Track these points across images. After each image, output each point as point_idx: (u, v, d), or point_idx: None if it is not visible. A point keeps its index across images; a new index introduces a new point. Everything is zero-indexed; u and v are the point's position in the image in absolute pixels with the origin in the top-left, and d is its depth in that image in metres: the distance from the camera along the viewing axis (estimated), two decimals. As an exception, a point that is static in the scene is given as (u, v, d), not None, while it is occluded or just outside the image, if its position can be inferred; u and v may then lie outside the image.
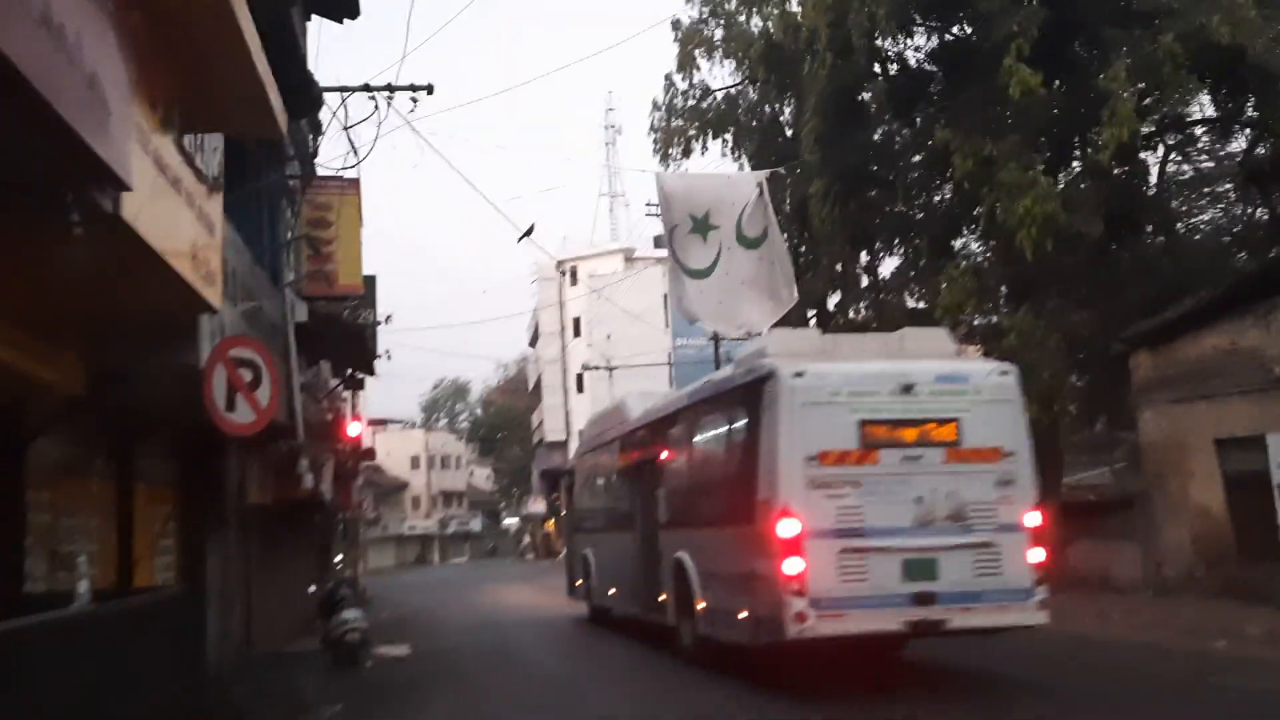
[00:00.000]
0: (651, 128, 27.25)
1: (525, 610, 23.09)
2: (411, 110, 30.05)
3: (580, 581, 18.10)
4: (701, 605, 11.34)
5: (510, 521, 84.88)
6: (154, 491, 9.84)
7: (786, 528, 9.29)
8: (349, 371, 16.42)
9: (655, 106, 27.20)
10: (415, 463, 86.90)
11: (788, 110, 26.07)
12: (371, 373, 16.70)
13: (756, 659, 10.32)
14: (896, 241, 21.20)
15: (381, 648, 16.63)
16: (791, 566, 9.21)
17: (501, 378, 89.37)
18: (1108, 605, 15.79)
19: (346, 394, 32.06)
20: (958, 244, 20.63)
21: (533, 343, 69.34)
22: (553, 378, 62.47)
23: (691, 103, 26.70)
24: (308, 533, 21.18)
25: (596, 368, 47.49)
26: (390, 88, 11.57)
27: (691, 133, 26.70)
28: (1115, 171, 17.57)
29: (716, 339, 34.00)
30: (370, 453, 30.74)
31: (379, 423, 76.74)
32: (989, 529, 9.68)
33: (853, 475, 9.47)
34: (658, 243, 62.84)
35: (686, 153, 27.06)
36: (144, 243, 5.53)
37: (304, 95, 10.41)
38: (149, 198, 5.53)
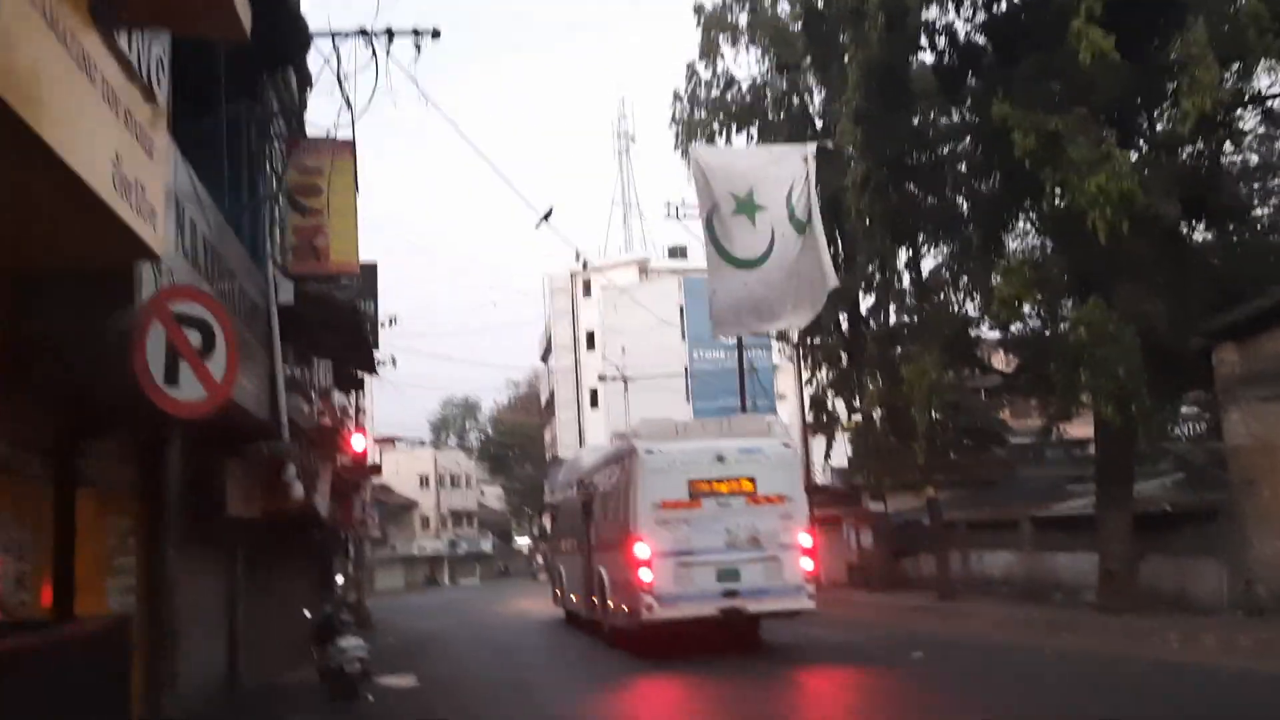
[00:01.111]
0: (673, 119, 25.82)
1: (525, 617, 28.40)
2: (415, 59, 28.64)
3: (558, 592, 23.86)
4: (609, 604, 16.50)
5: (522, 542, 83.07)
6: (107, 500, 8.28)
7: (641, 550, 14.60)
8: (346, 369, 14.74)
9: (676, 97, 25.78)
10: (424, 481, 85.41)
11: (818, 99, 24.60)
12: (372, 369, 14.94)
13: (644, 640, 14.91)
14: (941, 235, 19.53)
15: (385, 678, 15.09)
16: (645, 575, 14.49)
17: (512, 396, 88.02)
18: (1191, 627, 14.10)
19: (348, 402, 30.59)
20: (1009, 239, 19.00)
21: (544, 357, 67.88)
22: (566, 392, 60.92)
23: (715, 93, 25.26)
24: (305, 552, 19.60)
25: (612, 378, 45.86)
26: (390, 32, 10.07)
27: (715, 125, 25.26)
28: (1188, 150, 16.02)
29: (740, 347, 32.48)
30: (376, 469, 29.18)
31: (387, 441, 75.38)
32: (775, 548, 14.72)
33: (684, 515, 14.69)
34: (673, 253, 61.78)
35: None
36: (54, 155, 4.13)
37: (291, 35, 8.94)
38: (63, 98, 4.21)
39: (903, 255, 20.92)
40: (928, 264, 22.41)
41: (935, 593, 21.67)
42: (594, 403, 58.83)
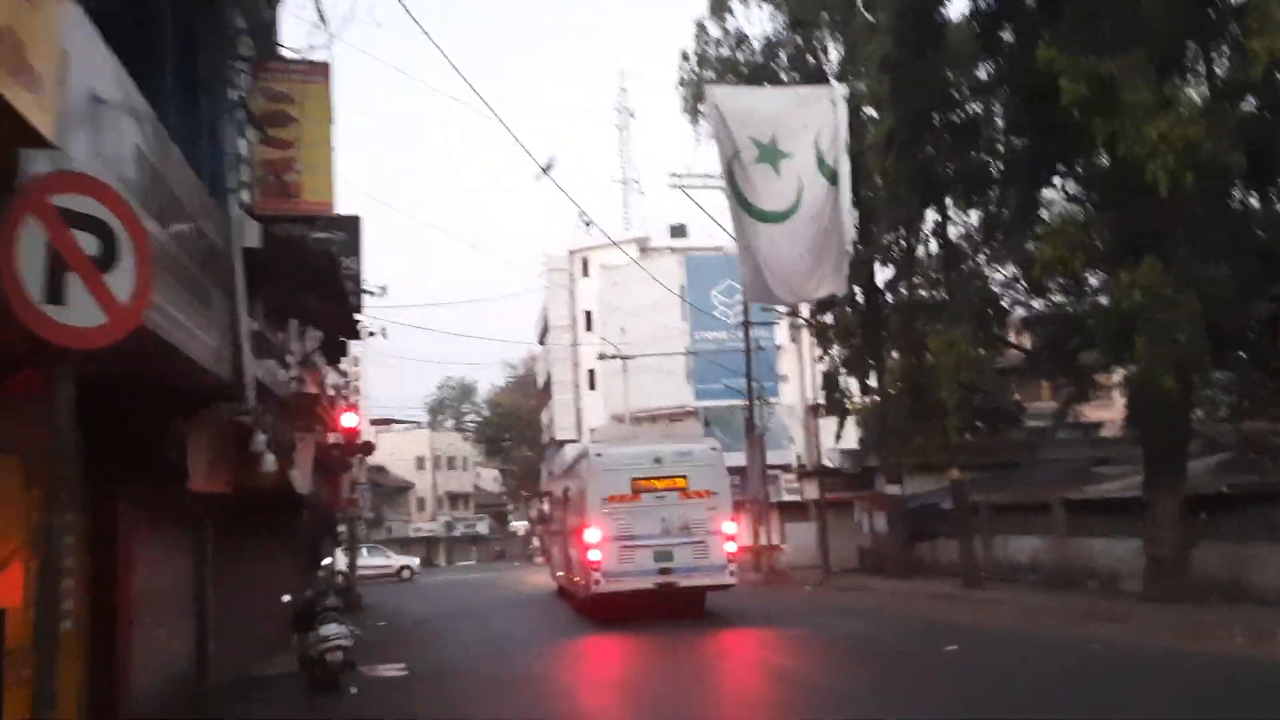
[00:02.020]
0: (681, 82, 24.48)
1: (519, 592, 30.65)
2: None
3: (550, 569, 27.35)
4: (576, 579, 19.27)
5: (518, 524, 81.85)
6: (33, 469, 6.97)
7: (592, 535, 17.35)
8: (330, 336, 13.34)
9: (684, 58, 24.39)
10: (420, 463, 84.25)
11: (834, 57, 23.22)
12: (353, 332, 13.50)
13: (603, 607, 17.62)
14: (973, 198, 18.15)
15: (371, 667, 13.90)
16: (594, 555, 17.26)
17: (509, 378, 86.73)
18: (1256, 619, 12.87)
19: (341, 381, 29.27)
20: (1046, 202, 17.64)
21: (541, 339, 66.50)
22: (563, 373, 59.58)
23: (725, 52, 23.87)
24: (289, 533, 18.31)
25: (612, 356, 44.62)
26: (369, -69, 8.77)
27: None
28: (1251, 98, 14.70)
29: (747, 325, 31.17)
30: (368, 446, 27.86)
31: (383, 422, 74.12)
32: (702, 534, 17.32)
33: (627, 507, 17.30)
34: (674, 232, 60.35)
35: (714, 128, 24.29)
36: None
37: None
38: None
39: (929, 221, 19.58)
40: (931, 244, 21.22)
41: (959, 579, 20.44)
42: (592, 384, 57.55)
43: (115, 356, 4.47)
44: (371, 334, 24.79)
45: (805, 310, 26.15)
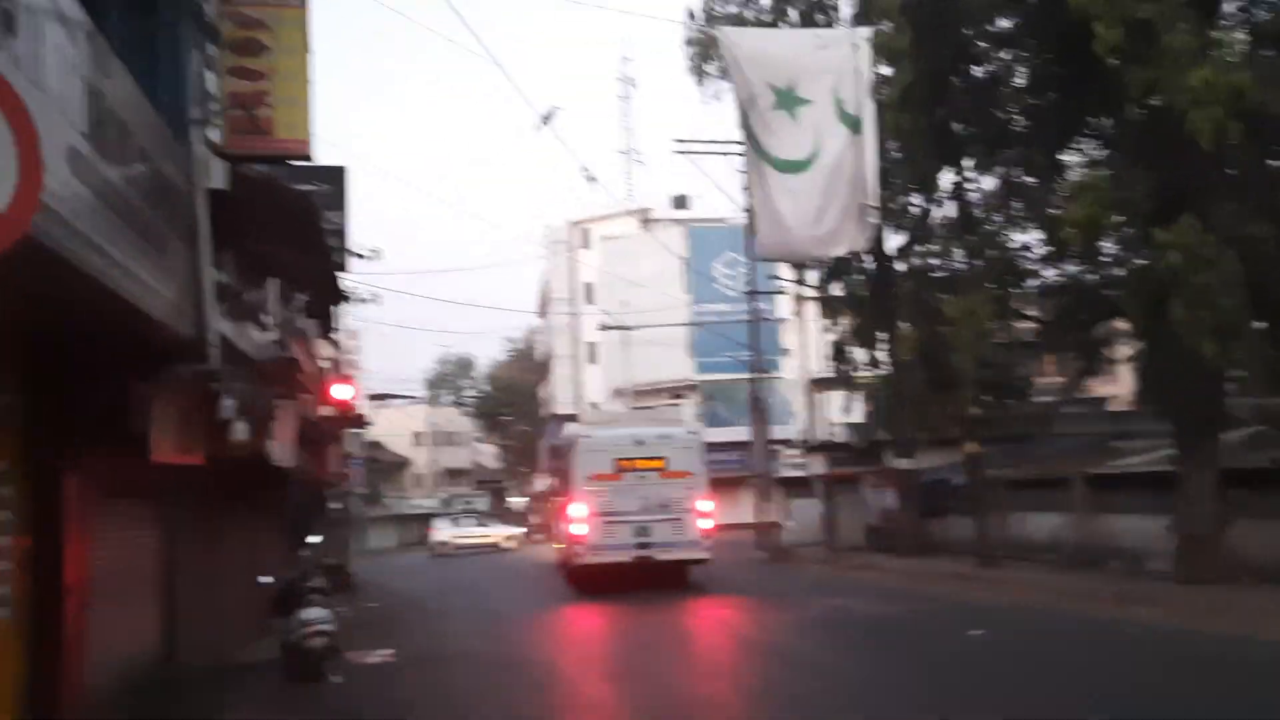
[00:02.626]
0: (687, 41, 23.42)
1: (522, 565, 32.15)
2: None
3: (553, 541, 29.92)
4: (565, 551, 20.82)
5: (517, 500, 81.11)
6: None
7: (577, 511, 18.78)
8: (311, 296, 12.36)
9: (691, 15, 23.36)
10: (418, 439, 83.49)
11: (846, 15, 22.17)
12: (339, 295, 12.50)
13: (589, 579, 18.94)
14: (995, 156, 17.19)
15: (358, 653, 13.12)
16: (578, 530, 18.73)
17: (509, 351, 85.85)
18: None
19: (336, 352, 28.39)
20: (1071, 161, 16.71)
21: (541, 312, 65.56)
22: (563, 347, 58.70)
23: (733, 8, 22.82)
24: (273, 508, 17.48)
25: (614, 327, 43.86)
26: None
27: (732, 43, 22.87)
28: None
29: (753, 290, 30.27)
30: (360, 419, 27.03)
31: (380, 398, 73.26)
32: (679, 511, 18.51)
33: (610, 486, 18.57)
34: (676, 203, 59.31)
35: (723, 74, 23.28)
36: None
37: None
38: None
39: (944, 184, 18.64)
40: (947, 208, 20.28)
41: (974, 558, 19.63)
42: (592, 358, 56.70)
43: (50, 304, 3.61)
44: (363, 300, 23.85)
45: (814, 278, 25.19)
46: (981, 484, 19.75)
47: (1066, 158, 16.90)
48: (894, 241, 22.81)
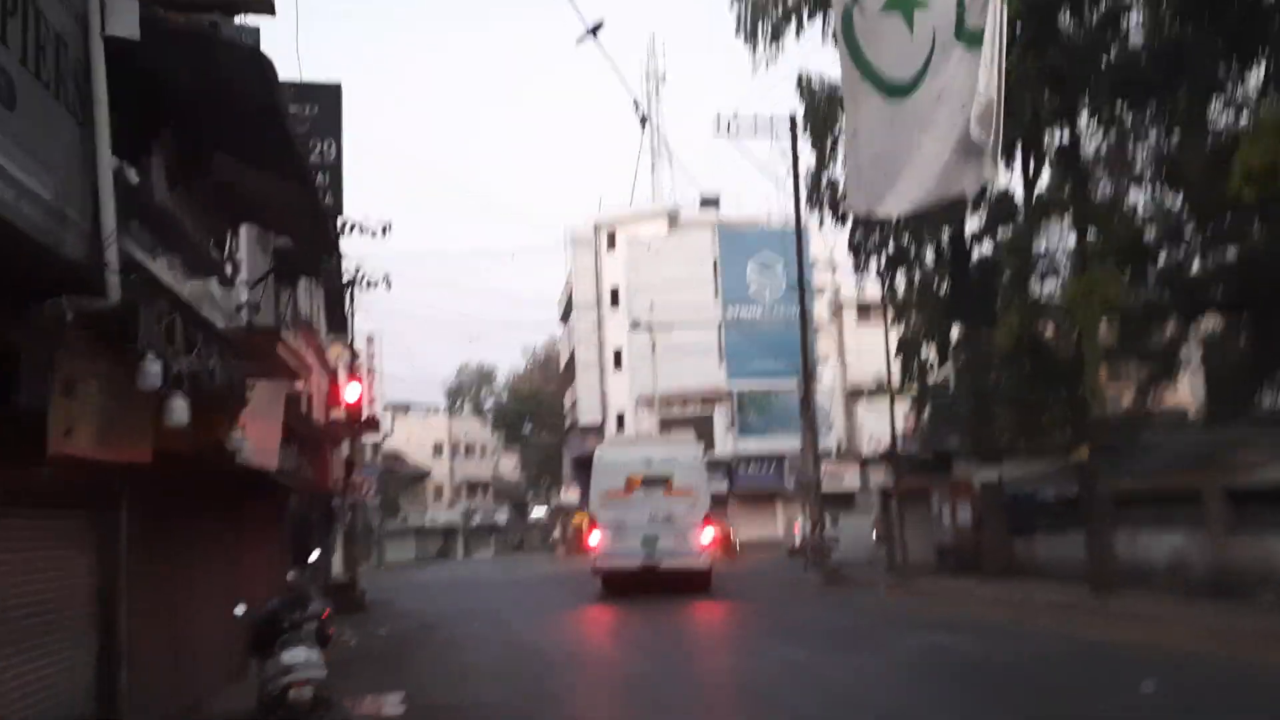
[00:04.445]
0: (734, -1, 20.86)
1: (547, 582, 30.74)
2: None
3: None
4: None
5: (538, 514, 78.44)
6: None
7: (594, 523, 22.23)
8: (297, 250, 9.63)
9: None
10: (438, 450, 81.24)
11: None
12: (326, 242, 9.63)
13: (612, 582, 21.99)
14: (1122, 103, 14.47)
15: (358, 700, 10.62)
16: (593, 539, 22.11)
17: (530, 361, 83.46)
18: None
19: (354, 357, 25.90)
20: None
21: (565, 317, 62.98)
22: (587, 354, 56.09)
23: (792, -43, 20.22)
24: (268, 523, 14.92)
25: (642, 328, 41.37)
26: None
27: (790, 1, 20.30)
28: None
29: (801, 289, 27.60)
30: (372, 422, 24.52)
31: (400, 408, 70.98)
32: (682, 525, 21.16)
33: (622, 500, 21.57)
34: (705, 203, 56.57)
35: (776, 35, 20.71)
36: None
37: None
38: None
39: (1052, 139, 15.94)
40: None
41: (1077, 583, 16.87)
42: (618, 364, 54.09)
43: None
44: (371, 283, 21.31)
45: (875, 264, 22.47)
46: (1096, 496, 16.91)
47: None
48: (967, 226, 20.22)
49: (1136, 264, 14.66)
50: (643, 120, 18.66)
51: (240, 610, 10.18)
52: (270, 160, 7.01)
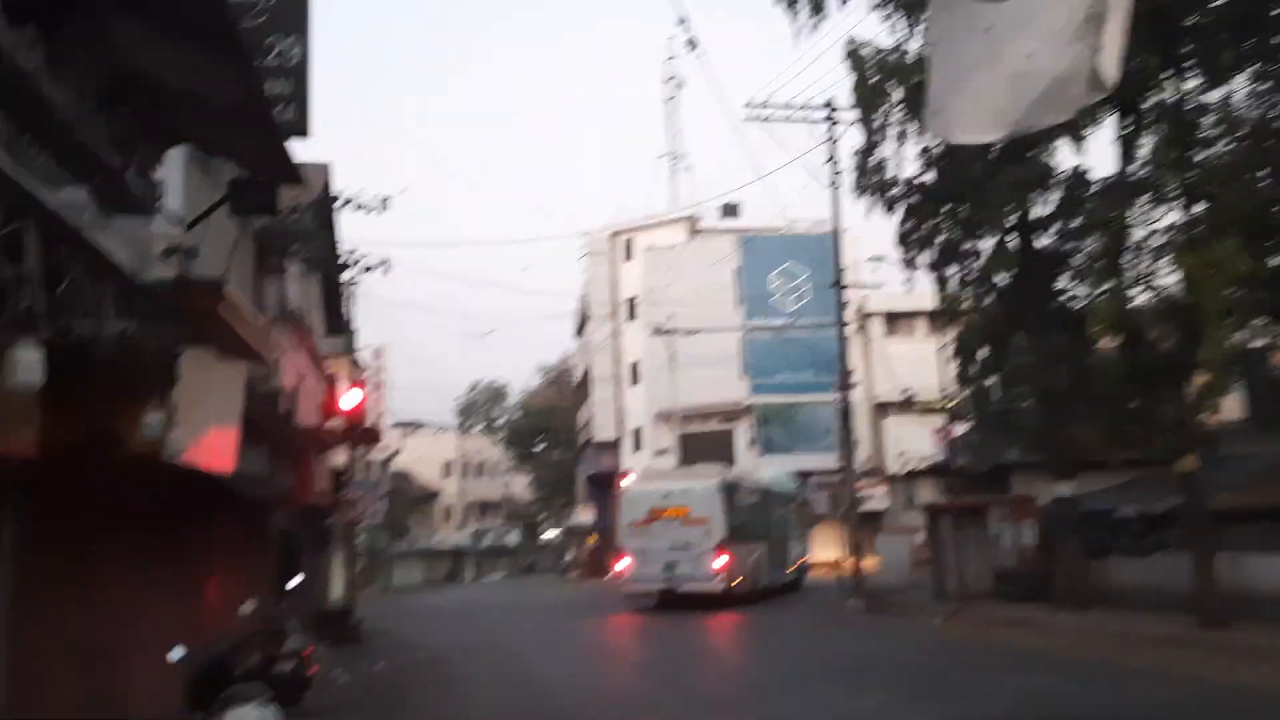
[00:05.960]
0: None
1: (562, 609, 28.62)
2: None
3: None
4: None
5: (550, 535, 76.06)
6: None
7: (622, 549, 24.67)
8: (250, 177, 7.45)
9: None
10: (448, 469, 79.18)
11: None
12: (288, 171, 7.54)
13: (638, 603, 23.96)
14: (1242, 50, 12.29)
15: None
16: (621, 564, 24.66)
17: (543, 377, 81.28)
18: None
19: (350, 364, 23.88)
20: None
21: (580, 330, 60.82)
22: (603, 368, 53.92)
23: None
24: (246, 544, 12.75)
25: (666, 332, 39.47)
26: None
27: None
28: None
29: (839, 292, 25.45)
30: (373, 434, 22.38)
31: (409, 425, 68.75)
32: (699, 551, 23.04)
33: (646, 529, 23.88)
34: (726, 211, 54.53)
35: (818, 5, 18.70)
36: None
37: None
38: None
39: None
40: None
41: (1175, 614, 14.61)
42: (635, 378, 51.92)
43: None
44: (369, 268, 19.27)
45: (921, 268, 20.33)
46: (1202, 513, 14.60)
47: None
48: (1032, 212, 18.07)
49: (1267, 239, 12.40)
50: (690, 44, 16.47)
51: (177, 654, 8.08)
52: (194, 28, 4.91)
